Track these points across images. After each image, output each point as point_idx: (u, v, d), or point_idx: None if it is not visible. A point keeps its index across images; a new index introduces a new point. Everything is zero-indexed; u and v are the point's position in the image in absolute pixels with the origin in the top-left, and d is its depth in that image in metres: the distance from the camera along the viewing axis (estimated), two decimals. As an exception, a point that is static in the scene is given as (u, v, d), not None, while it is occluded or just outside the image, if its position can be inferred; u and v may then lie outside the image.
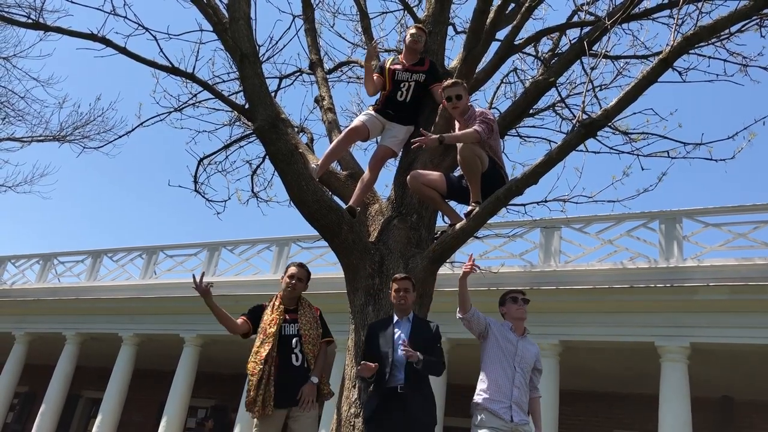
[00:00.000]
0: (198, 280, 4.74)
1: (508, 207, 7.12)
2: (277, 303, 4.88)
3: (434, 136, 4.77)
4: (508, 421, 4.36)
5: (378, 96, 5.74)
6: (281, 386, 4.62)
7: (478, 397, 4.49)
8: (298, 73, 7.90)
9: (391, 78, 5.53)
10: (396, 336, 4.51)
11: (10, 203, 44.68)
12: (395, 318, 4.62)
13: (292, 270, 4.97)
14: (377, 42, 6.00)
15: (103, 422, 13.78)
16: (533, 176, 4.49)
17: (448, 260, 5.59)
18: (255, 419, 4.69)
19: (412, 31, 5.63)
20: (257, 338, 4.77)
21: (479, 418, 4.44)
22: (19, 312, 16.54)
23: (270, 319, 4.79)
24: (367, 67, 5.63)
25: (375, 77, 5.64)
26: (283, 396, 4.61)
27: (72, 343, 15.40)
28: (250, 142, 8.01)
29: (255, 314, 4.94)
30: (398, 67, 5.57)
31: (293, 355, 4.71)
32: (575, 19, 6.48)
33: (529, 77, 7.53)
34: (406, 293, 4.58)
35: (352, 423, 4.56)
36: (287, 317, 4.82)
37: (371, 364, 4.35)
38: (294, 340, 4.74)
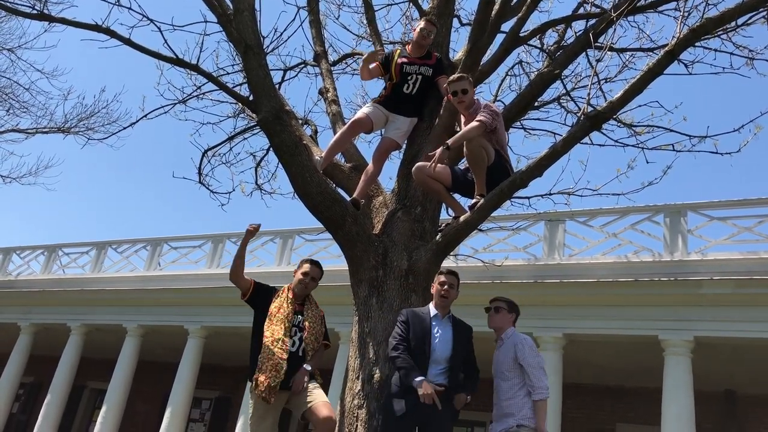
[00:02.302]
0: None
1: (512, 200, 7.13)
2: (291, 296, 4.99)
3: (440, 149, 4.72)
4: None
5: (382, 87, 5.73)
6: None
7: None
8: (303, 65, 7.88)
9: (399, 70, 5.52)
10: (435, 331, 4.48)
11: (15, 195, 44.86)
12: (433, 312, 4.58)
13: (307, 268, 5.09)
14: (382, 50, 5.94)
15: (108, 412, 13.86)
16: (538, 169, 4.48)
17: (451, 253, 5.59)
18: (255, 403, 4.77)
19: (422, 25, 5.55)
20: (276, 325, 4.82)
21: None
22: (24, 303, 16.61)
23: (287, 311, 4.89)
24: (365, 65, 5.66)
25: (372, 66, 5.65)
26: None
27: (77, 334, 15.46)
28: (254, 134, 8.01)
29: (263, 290, 5.08)
30: (405, 60, 5.55)
31: (290, 341, 4.81)
32: (581, 11, 6.45)
33: (535, 70, 7.51)
34: (450, 288, 4.57)
35: (355, 414, 4.57)
36: (296, 308, 4.97)
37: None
38: (293, 329, 4.86)
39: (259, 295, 5.05)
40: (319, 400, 4.65)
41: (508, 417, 4.44)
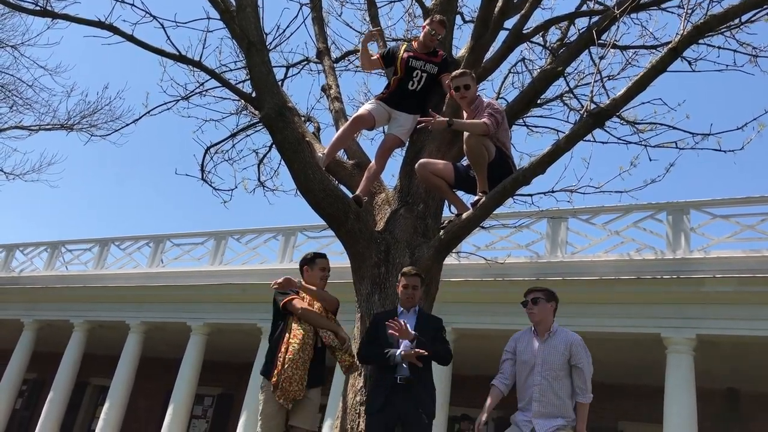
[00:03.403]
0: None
1: (514, 197, 7.12)
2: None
3: (443, 118, 4.76)
4: None
5: (385, 86, 5.72)
6: None
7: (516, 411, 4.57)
8: (305, 62, 7.88)
9: (405, 65, 5.50)
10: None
11: (18, 191, 44.94)
12: (400, 309, 4.63)
13: (325, 263, 5.15)
14: (377, 30, 5.90)
15: (110, 409, 13.89)
16: (540, 166, 4.48)
17: (454, 250, 5.59)
18: (266, 401, 4.79)
19: (434, 30, 5.48)
20: (300, 325, 4.83)
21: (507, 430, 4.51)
22: (27, 299, 16.65)
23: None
24: (364, 48, 5.64)
25: (374, 56, 5.63)
26: None
27: (80, 330, 15.49)
28: (256, 131, 8.01)
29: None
30: (411, 54, 5.53)
31: (312, 338, 4.82)
32: (584, 8, 6.43)
33: (537, 67, 7.50)
34: (414, 290, 4.58)
35: (357, 411, 4.58)
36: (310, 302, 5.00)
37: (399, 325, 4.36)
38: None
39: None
40: (306, 427, 4.74)
41: (557, 417, 4.36)
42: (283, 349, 4.70)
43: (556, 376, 4.44)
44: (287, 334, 4.76)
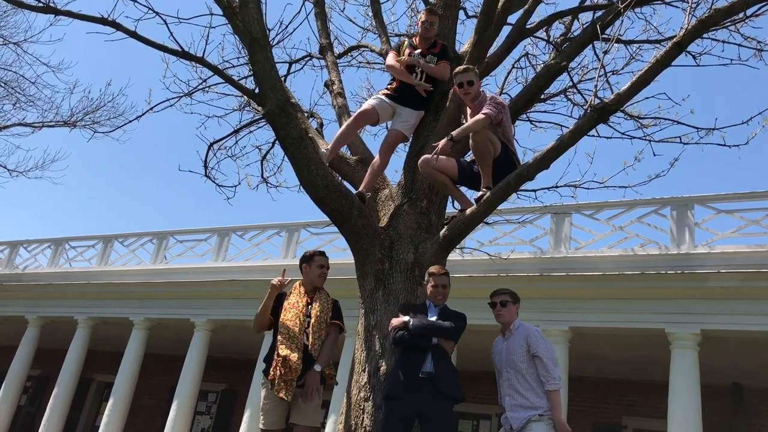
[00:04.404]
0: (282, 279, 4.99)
1: (518, 193, 7.10)
2: (302, 290, 5.09)
3: (443, 140, 4.76)
4: (508, 429, 4.50)
5: (388, 81, 5.71)
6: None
7: None
8: (308, 58, 7.86)
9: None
10: (429, 315, 4.56)
11: (22, 188, 45.03)
12: (429, 303, 4.65)
13: (324, 261, 5.18)
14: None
15: (115, 405, 13.93)
16: (544, 161, 4.46)
17: (458, 246, 5.58)
18: (266, 396, 4.87)
19: (423, 18, 5.56)
20: (290, 320, 4.89)
21: None
22: (31, 296, 16.69)
23: (300, 305, 4.99)
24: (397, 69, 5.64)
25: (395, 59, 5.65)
26: None
27: (84, 327, 15.53)
28: (260, 127, 7.99)
29: (276, 306, 5.09)
30: (413, 50, 5.55)
31: (303, 335, 4.87)
32: (588, 2, 6.41)
33: (541, 62, 7.48)
34: (444, 288, 4.62)
35: (361, 407, 4.57)
36: (308, 300, 5.05)
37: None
38: (306, 319, 4.94)
39: (275, 313, 5.09)
40: (306, 424, 4.79)
41: (528, 408, 4.44)
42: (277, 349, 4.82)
43: (519, 369, 4.55)
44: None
